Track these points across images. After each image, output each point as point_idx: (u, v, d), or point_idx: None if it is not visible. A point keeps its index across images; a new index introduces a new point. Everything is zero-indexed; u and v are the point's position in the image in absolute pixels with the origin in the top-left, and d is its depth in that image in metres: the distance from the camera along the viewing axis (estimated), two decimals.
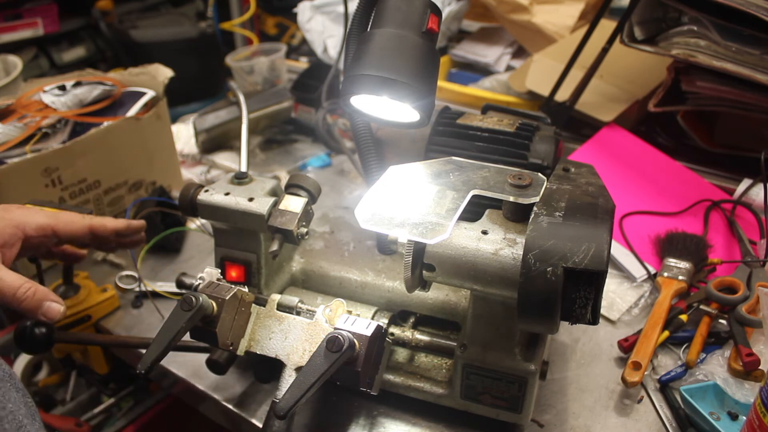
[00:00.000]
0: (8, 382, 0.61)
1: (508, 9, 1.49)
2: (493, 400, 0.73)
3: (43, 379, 1.33)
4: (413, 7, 0.71)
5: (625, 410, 0.81)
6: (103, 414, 1.26)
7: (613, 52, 1.17)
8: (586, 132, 1.29)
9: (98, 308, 0.97)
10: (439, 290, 0.79)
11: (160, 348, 0.65)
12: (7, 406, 0.58)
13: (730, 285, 0.91)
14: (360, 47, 0.71)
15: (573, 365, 0.88)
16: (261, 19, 2.11)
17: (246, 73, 1.59)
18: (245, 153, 0.94)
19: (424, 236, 0.58)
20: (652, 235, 1.05)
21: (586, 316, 0.60)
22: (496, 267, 0.62)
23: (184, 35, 1.66)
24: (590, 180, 0.71)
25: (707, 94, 1.14)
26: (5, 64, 1.43)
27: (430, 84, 0.71)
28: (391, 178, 0.66)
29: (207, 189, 0.78)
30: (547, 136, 0.87)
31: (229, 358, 0.79)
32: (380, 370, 0.71)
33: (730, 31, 1.03)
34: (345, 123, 1.39)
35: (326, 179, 1.33)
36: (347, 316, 0.68)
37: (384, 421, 0.79)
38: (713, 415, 0.75)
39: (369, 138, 0.85)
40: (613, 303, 0.97)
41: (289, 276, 0.86)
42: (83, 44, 1.88)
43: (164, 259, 1.11)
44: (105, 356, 1.05)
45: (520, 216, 0.65)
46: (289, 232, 0.74)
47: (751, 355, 0.79)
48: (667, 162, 1.22)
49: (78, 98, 1.07)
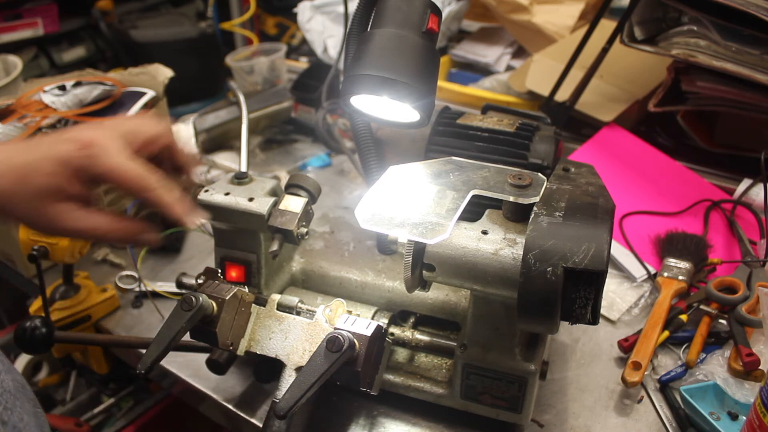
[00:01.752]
0: (22, 393, 0.61)
1: (508, 9, 1.49)
2: (493, 400, 0.73)
3: (43, 379, 1.33)
4: (413, 7, 0.71)
5: (625, 410, 0.81)
6: (103, 414, 1.26)
7: (613, 52, 1.17)
8: (586, 132, 1.29)
9: (98, 308, 0.97)
10: (439, 290, 0.79)
11: (160, 348, 0.65)
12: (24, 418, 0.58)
13: (730, 285, 0.91)
14: (360, 47, 0.71)
15: (573, 365, 0.88)
16: (261, 19, 2.10)
17: (246, 73, 1.59)
18: (245, 153, 0.94)
19: (424, 236, 0.58)
20: (652, 235, 1.06)
21: (586, 316, 0.60)
22: (496, 267, 0.62)
23: (184, 35, 1.66)
24: (590, 180, 0.71)
25: (707, 94, 1.14)
26: (5, 64, 1.43)
27: (430, 84, 0.71)
28: (391, 178, 0.66)
29: (207, 189, 0.78)
30: (547, 136, 0.87)
31: (229, 358, 0.79)
32: (380, 370, 0.71)
33: (730, 31, 1.03)
34: (345, 123, 1.39)
35: (326, 179, 1.33)
36: (347, 316, 0.68)
37: (384, 421, 0.79)
38: (713, 415, 0.75)
39: (369, 138, 0.85)
40: (613, 303, 0.97)
41: (289, 276, 0.86)
42: (83, 44, 1.87)
43: (164, 259, 1.11)
44: (105, 356, 1.05)
45: (520, 216, 0.65)
46: (289, 232, 0.74)
47: (751, 355, 0.79)
48: (667, 162, 1.22)
49: (78, 98, 1.07)
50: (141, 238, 0.68)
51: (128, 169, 0.63)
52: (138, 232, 0.67)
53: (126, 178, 0.63)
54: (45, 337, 0.81)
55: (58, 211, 0.62)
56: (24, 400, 0.60)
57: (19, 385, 0.61)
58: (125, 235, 0.66)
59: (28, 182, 0.60)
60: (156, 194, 0.65)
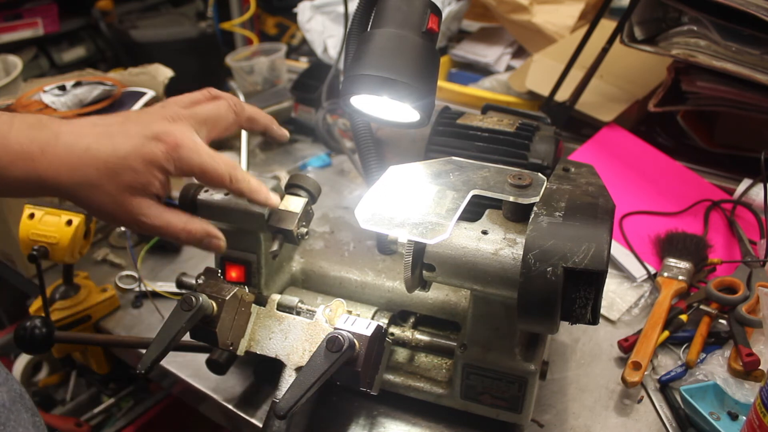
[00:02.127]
0: (19, 403, 0.60)
1: (508, 9, 1.49)
2: (493, 400, 0.73)
3: (43, 379, 1.33)
4: (413, 7, 0.71)
5: (625, 410, 0.81)
6: (103, 414, 1.26)
7: (613, 52, 1.17)
8: (586, 132, 1.29)
9: (98, 308, 0.97)
10: (439, 290, 0.79)
11: (160, 348, 0.65)
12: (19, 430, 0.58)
13: (730, 285, 0.91)
14: (360, 47, 0.71)
15: (573, 365, 0.88)
16: (261, 19, 2.11)
17: (246, 73, 1.59)
18: (245, 153, 0.94)
19: (424, 236, 0.58)
20: (652, 235, 1.05)
21: (586, 316, 0.60)
22: (496, 267, 0.62)
23: (184, 35, 1.66)
24: (590, 180, 0.71)
25: (707, 94, 1.14)
26: (5, 64, 1.43)
27: (430, 84, 0.71)
28: (391, 178, 0.66)
29: (207, 189, 0.78)
30: (547, 136, 0.87)
31: (229, 358, 0.79)
32: (380, 370, 0.71)
33: (730, 31, 1.03)
34: (345, 123, 1.39)
35: (326, 179, 1.33)
36: (347, 316, 0.68)
37: (384, 421, 0.79)
38: (713, 415, 0.75)
39: (369, 138, 0.85)
40: (613, 303, 0.97)
41: (289, 276, 0.86)
42: (83, 44, 1.87)
43: (164, 259, 1.11)
44: (105, 356, 1.05)
45: (520, 216, 0.65)
46: (289, 232, 0.74)
47: (751, 355, 0.79)
48: (667, 162, 1.22)
49: (78, 98, 1.07)
50: (209, 242, 0.69)
51: (215, 166, 0.65)
52: (208, 235, 0.68)
53: (212, 177, 0.65)
54: (45, 337, 0.81)
55: (139, 206, 0.63)
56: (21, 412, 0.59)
57: (16, 395, 0.60)
58: (196, 236, 0.67)
59: (115, 177, 0.61)
60: (240, 187, 0.67)
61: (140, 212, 0.63)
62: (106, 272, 1.08)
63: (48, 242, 0.89)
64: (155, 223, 0.64)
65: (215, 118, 0.68)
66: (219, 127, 0.69)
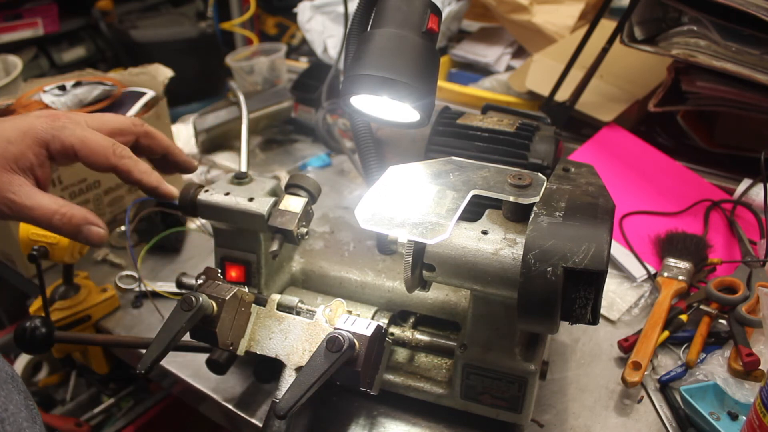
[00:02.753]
0: (11, 384, 0.60)
1: (508, 9, 1.49)
2: (493, 400, 0.73)
3: (43, 379, 1.33)
4: (413, 7, 0.71)
5: (625, 410, 0.81)
6: (103, 414, 1.26)
7: (613, 52, 1.17)
8: (586, 132, 1.29)
9: (98, 308, 0.97)
10: (439, 290, 0.79)
11: (160, 348, 0.65)
12: (9, 408, 0.57)
13: (730, 285, 0.91)
14: (360, 47, 0.71)
15: (573, 365, 0.88)
16: (261, 19, 2.11)
17: (246, 73, 1.59)
18: (245, 153, 0.94)
19: (424, 236, 0.58)
20: (652, 235, 1.06)
21: (586, 316, 0.60)
22: (496, 267, 0.62)
23: (184, 35, 1.66)
24: (590, 180, 0.71)
25: (707, 94, 1.14)
26: (5, 64, 1.43)
27: (430, 84, 0.71)
28: (391, 178, 0.66)
29: (207, 189, 0.78)
30: (547, 136, 0.87)
31: (229, 358, 0.79)
32: (380, 370, 0.71)
33: (730, 31, 1.03)
34: (345, 123, 1.39)
35: (326, 179, 1.33)
36: (347, 316, 0.68)
37: (384, 421, 0.79)
38: (713, 415, 0.75)
39: (369, 138, 0.85)
40: (613, 303, 0.97)
41: (289, 276, 0.86)
42: (83, 44, 1.88)
43: (164, 259, 1.11)
44: (105, 356, 1.05)
45: (520, 216, 0.65)
46: (289, 232, 0.74)
47: (751, 355, 0.79)
48: (667, 162, 1.22)
49: (78, 98, 1.07)
50: (89, 230, 0.64)
51: (97, 138, 0.63)
52: (88, 222, 0.64)
53: (95, 148, 0.63)
54: (45, 337, 0.81)
55: (9, 182, 0.60)
56: (11, 391, 0.59)
57: (7, 376, 0.60)
58: (72, 221, 0.63)
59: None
60: (126, 163, 0.64)
61: (9, 189, 0.59)
62: (106, 272, 1.08)
63: (48, 242, 0.89)
64: (25, 203, 0.60)
65: (104, 116, 0.67)
66: (108, 126, 0.67)
